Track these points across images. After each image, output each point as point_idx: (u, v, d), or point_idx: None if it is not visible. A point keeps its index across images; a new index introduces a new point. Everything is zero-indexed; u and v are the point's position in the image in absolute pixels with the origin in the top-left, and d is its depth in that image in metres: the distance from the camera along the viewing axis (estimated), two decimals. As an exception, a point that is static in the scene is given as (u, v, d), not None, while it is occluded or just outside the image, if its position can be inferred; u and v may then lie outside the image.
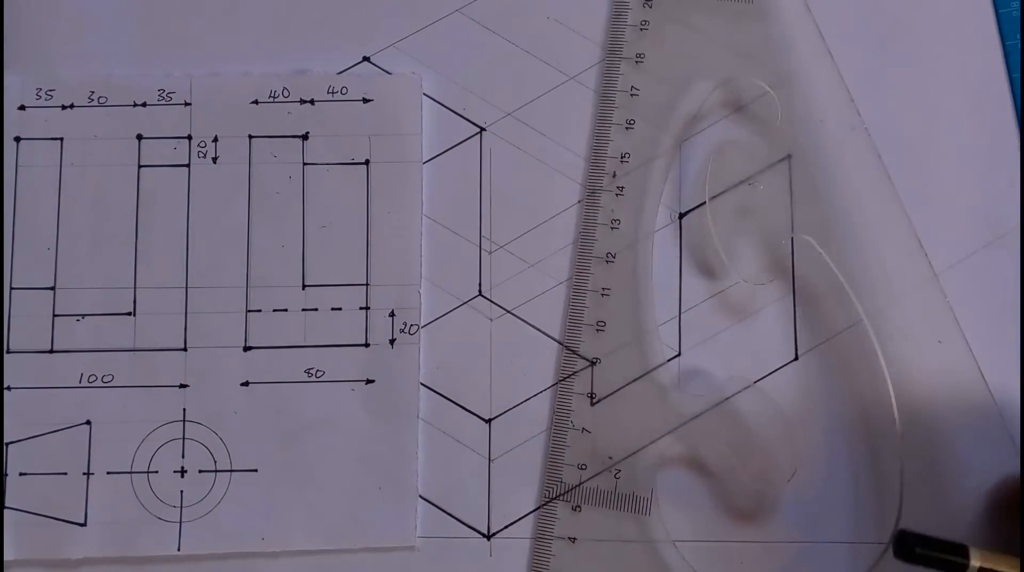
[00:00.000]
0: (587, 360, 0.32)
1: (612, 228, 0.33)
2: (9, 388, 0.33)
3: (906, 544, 0.27)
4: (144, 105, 0.34)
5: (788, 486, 0.32)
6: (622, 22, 0.34)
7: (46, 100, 0.34)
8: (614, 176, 0.33)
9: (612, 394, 0.32)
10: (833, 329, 0.33)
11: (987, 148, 0.34)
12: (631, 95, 0.34)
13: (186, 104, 0.34)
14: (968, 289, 0.33)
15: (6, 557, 0.31)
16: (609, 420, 0.32)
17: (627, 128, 0.34)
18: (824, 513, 0.32)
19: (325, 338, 0.33)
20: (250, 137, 0.34)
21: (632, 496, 0.32)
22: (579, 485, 0.32)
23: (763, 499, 0.32)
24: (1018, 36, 0.35)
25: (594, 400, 0.32)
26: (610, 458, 0.32)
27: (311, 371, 0.33)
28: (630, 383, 0.32)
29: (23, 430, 0.32)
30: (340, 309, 0.33)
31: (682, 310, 0.33)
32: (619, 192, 0.33)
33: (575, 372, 0.32)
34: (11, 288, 0.33)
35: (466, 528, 0.32)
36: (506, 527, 0.32)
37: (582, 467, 0.32)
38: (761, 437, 0.32)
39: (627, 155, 0.33)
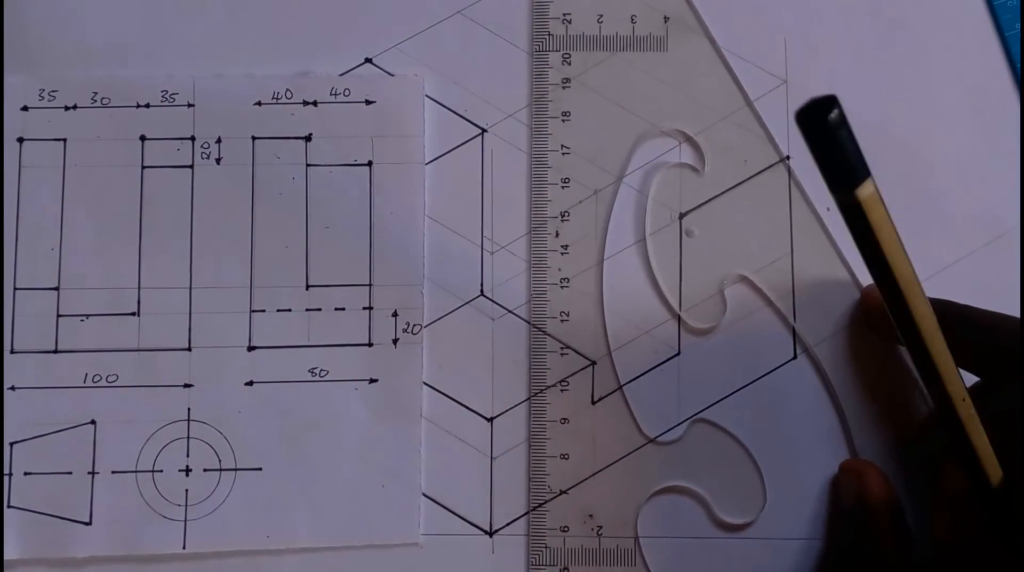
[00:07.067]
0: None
1: (562, 287, 0.33)
2: (13, 388, 0.33)
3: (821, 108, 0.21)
4: (147, 106, 0.34)
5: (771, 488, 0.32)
6: (544, 81, 0.34)
7: (49, 101, 0.34)
8: (557, 235, 0.33)
9: (584, 449, 0.33)
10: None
11: (987, 147, 0.34)
12: (562, 154, 0.34)
13: (189, 105, 0.34)
14: (968, 289, 0.33)
15: (12, 556, 0.32)
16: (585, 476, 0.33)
17: (563, 187, 0.34)
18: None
19: (329, 338, 0.33)
20: (253, 138, 0.34)
21: (617, 549, 0.32)
22: (564, 548, 0.32)
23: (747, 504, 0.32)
24: (1017, 26, 0.35)
25: (566, 457, 0.32)
26: (591, 516, 0.32)
27: (315, 370, 0.33)
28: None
29: (28, 430, 0.32)
30: (343, 309, 0.33)
31: (682, 309, 0.33)
32: (564, 251, 0.33)
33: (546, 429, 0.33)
34: (15, 288, 0.33)
35: (469, 525, 0.32)
36: (508, 524, 0.32)
37: (564, 529, 0.32)
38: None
39: (567, 214, 0.34)
